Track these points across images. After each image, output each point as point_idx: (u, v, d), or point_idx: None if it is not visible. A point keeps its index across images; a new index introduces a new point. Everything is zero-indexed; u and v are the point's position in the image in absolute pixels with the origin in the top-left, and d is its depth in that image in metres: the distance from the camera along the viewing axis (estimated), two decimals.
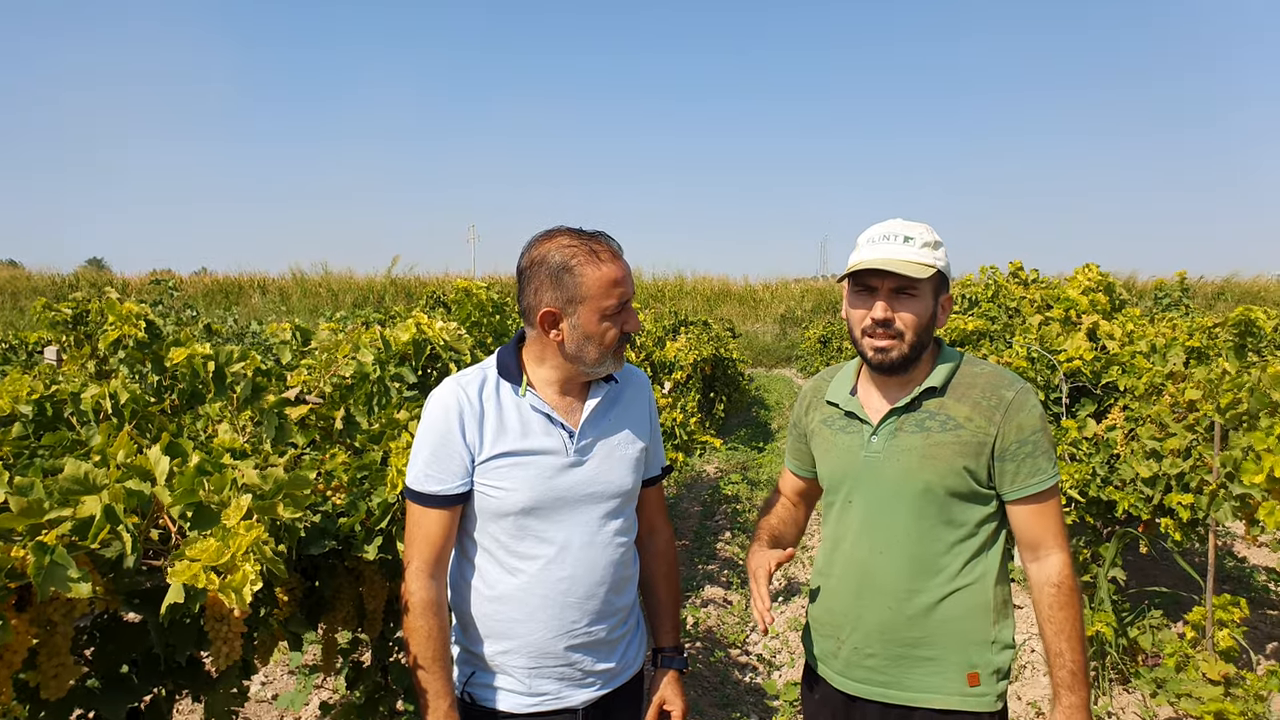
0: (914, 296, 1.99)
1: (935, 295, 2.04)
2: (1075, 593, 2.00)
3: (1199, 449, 3.82)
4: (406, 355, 2.88)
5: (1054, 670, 1.99)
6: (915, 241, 2.00)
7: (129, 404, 1.99)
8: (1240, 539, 7.27)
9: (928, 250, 1.99)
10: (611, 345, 1.97)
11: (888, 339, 2.00)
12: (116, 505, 1.42)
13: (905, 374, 2.07)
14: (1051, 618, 2.00)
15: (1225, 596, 3.90)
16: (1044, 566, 2.02)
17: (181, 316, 8.05)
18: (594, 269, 1.90)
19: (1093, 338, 5.23)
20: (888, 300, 1.99)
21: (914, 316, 1.99)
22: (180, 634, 1.60)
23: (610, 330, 1.95)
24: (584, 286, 1.90)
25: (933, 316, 2.03)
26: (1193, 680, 3.93)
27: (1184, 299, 12.41)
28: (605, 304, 1.91)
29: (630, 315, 1.98)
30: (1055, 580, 2.00)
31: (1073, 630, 1.98)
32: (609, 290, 1.91)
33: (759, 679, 4.96)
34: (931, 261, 1.98)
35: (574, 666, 2.03)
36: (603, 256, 1.92)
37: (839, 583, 2.16)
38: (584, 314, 1.92)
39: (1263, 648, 5.13)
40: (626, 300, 1.95)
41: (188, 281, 32.95)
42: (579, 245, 1.92)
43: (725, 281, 39.04)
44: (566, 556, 2.00)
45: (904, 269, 1.94)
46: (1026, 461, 1.99)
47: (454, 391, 1.99)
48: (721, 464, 11.42)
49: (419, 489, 1.97)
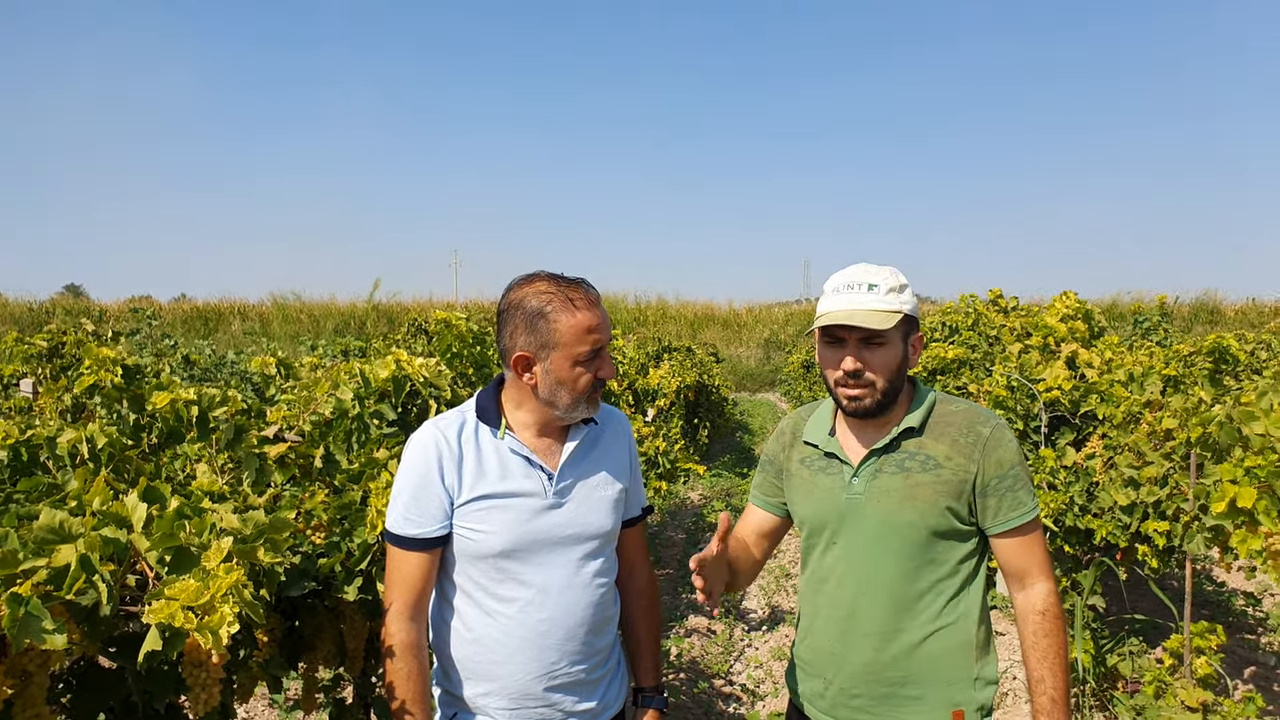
0: (881, 345, 2.00)
1: (904, 339, 2.05)
2: (1060, 620, 2.03)
3: (1176, 477, 3.85)
4: (386, 392, 2.88)
5: (1035, 696, 2.01)
6: (880, 289, 2.01)
7: (106, 448, 1.99)
8: (1218, 564, 7.32)
9: (893, 295, 2.01)
10: (584, 391, 1.98)
11: (859, 389, 2.02)
12: (92, 554, 1.42)
13: (883, 416, 2.09)
14: (1036, 644, 2.02)
15: (1202, 624, 3.93)
16: (1030, 595, 2.05)
17: (160, 347, 8.01)
18: (568, 316, 1.91)
19: (1072, 366, 5.27)
20: (856, 352, 2.01)
21: (883, 364, 2.01)
22: (158, 681, 1.60)
23: (583, 376, 1.96)
24: (557, 333, 1.92)
25: (903, 360, 2.05)
26: (1171, 707, 3.94)
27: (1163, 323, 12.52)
28: (578, 350, 1.93)
29: (605, 362, 1.99)
30: (1040, 608, 2.02)
31: (1056, 657, 2.00)
32: (582, 337, 1.92)
33: (743, 709, 4.94)
34: (897, 307, 2.00)
35: (554, 708, 2.04)
36: (578, 304, 1.93)
37: (824, 624, 2.16)
38: (556, 360, 1.94)
39: (1240, 673, 5.16)
40: (600, 347, 1.97)
41: (166, 308, 32.80)
42: (555, 291, 1.94)
43: (709, 306, 39.23)
44: (546, 599, 2.00)
45: (868, 321, 1.96)
46: (1008, 496, 2.02)
47: (433, 435, 2.01)
48: (706, 491, 11.42)
49: (398, 532, 1.97)
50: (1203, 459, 3.32)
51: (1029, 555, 2.05)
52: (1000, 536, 2.05)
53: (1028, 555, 2.05)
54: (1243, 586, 6.76)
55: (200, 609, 1.43)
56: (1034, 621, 2.03)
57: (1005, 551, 2.06)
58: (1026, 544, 2.04)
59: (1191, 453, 3.44)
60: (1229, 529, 2.63)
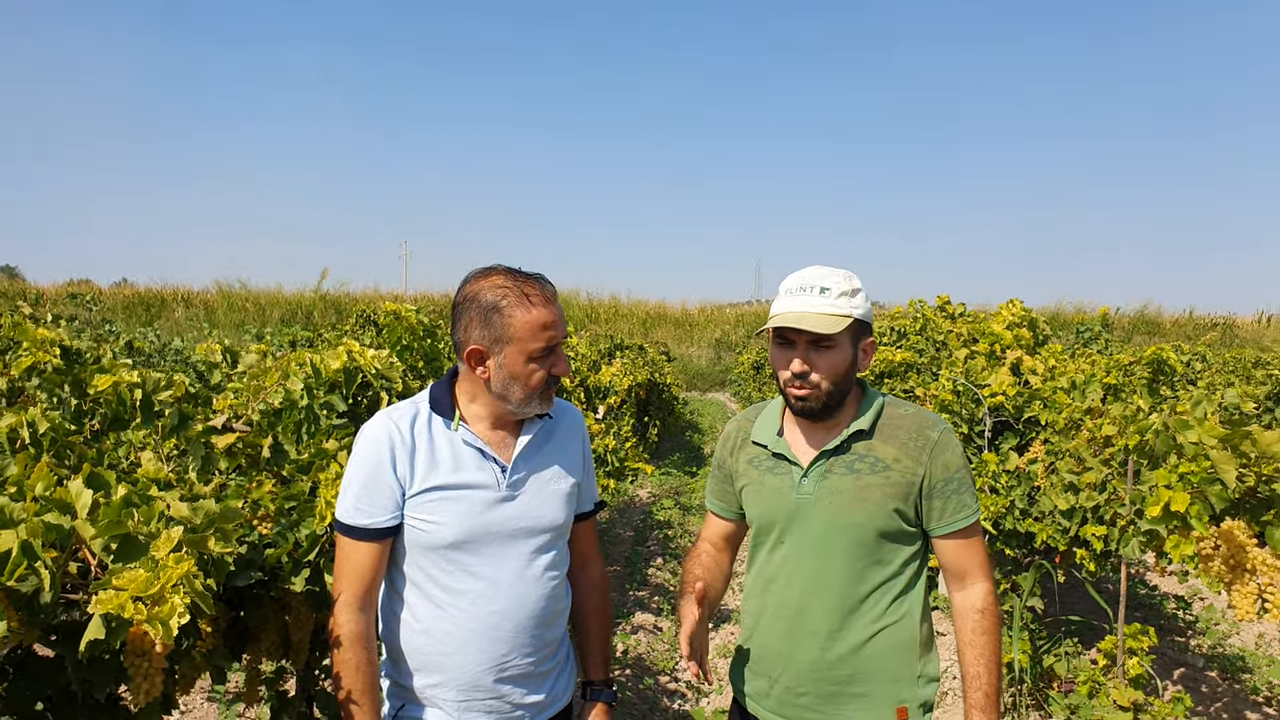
0: (830, 348, 2.03)
1: (855, 342, 2.08)
2: (996, 620, 2.08)
3: (1114, 483, 3.95)
4: (337, 383, 2.86)
5: (969, 692, 2.06)
6: (831, 292, 2.03)
7: (48, 433, 1.96)
8: (1153, 569, 7.50)
9: (844, 299, 2.03)
10: (537, 387, 1.98)
11: (806, 389, 2.05)
12: (34, 540, 1.39)
13: (830, 419, 2.12)
14: (973, 642, 2.07)
15: (1135, 626, 4.03)
16: (970, 595, 2.10)
17: (100, 332, 7.84)
18: (523, 311, 1.91)
19: (1016, 372, 5.37)
20: (805, 353, 2.04)
21: (830, 368, 2.04)
22: (99, 670, 1.57)
23: (536, 373, 1.96)
24: (511, 328, 1.91)
25: (852, 363, 2.08)
26: (1104, 706, 4.04)
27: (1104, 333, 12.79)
28: (532, 347, 1.93)
29: (559, 359, 1.99)
30: (979, 607, 2.08)
31: (991, 655, 2.05)
32: (536, 333, 1.92)
33: (687, 706, 4.97)
34: (847, 311, 2.02)
35: (503, 699, 2.04)
36: (533, 299, 1.93)
37: (770, 622, 2.19)
38: (510, 355, 1.94)
39: (1171, 674, 5.29)
40: (555, 344, 1.97)
41: (107, 293, 31.98)
42: (511, 286, 1.93)
43: (661, 305, 39.24)
44: (497, 591, 2.01)
45: (817, 325, 1.99)
46: (952, 498, 2.06)
47: (385, 425, 2.00)
48: (655, 489, 11.44)
49: (349, 522, 1.96)
50: (1139, 465, 3.41)
51: (970, 556, 2.10)
52: (943, 538, 2.10)
53: (969, 556, 2.10)
54: (1175, 590, 6.94)
55: (150, 599, 1.42)
56: (972, 620, 2.08)
57: (947, 552, 2.11)
58: (968, 546, 2.10)
59: (1129, 459, 3.53)
60: (1163, 534, 2.71)
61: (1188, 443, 2.64)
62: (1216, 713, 4.84)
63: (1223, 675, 5.34)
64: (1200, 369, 10.09)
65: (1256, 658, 5.61)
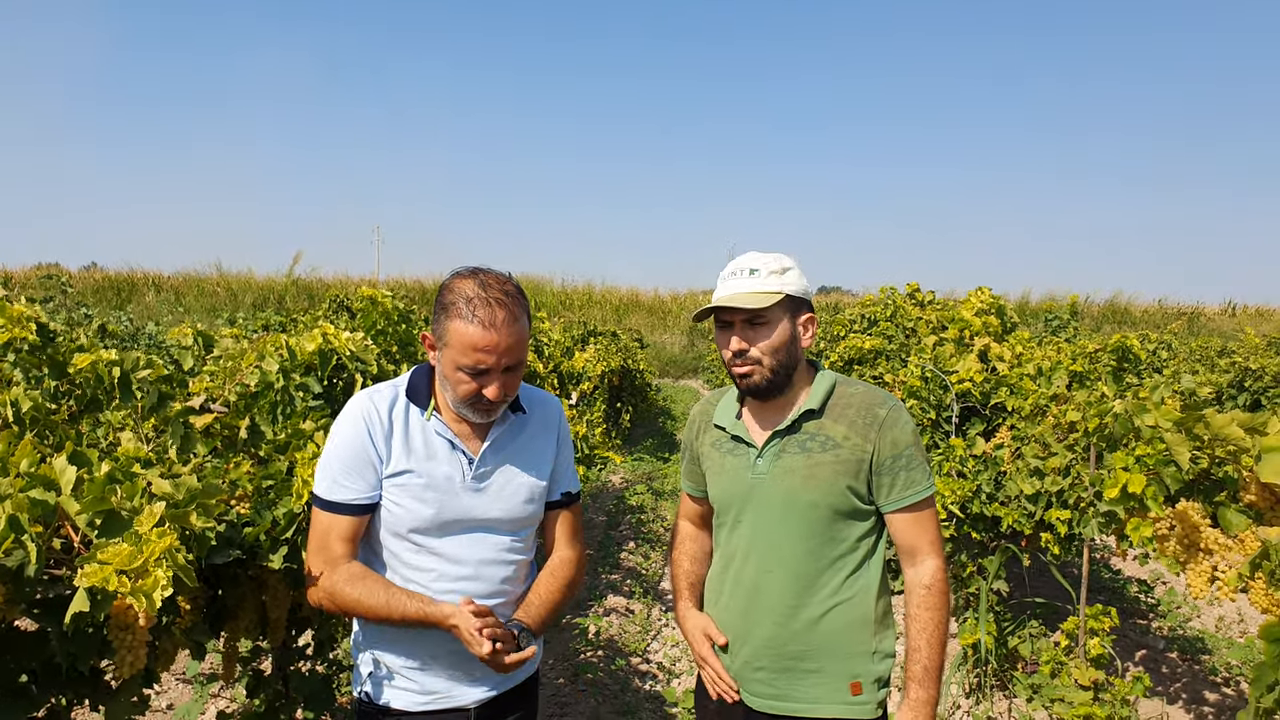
0: (765, 324, 2.11)
1: (792, 318, 2.14)
2: (944, 596, 2.13)
3: (1078, 468, 4.03)
4: (312, 365, 2.89)
5: (909, 664, 2.11)
6: (761, 272, 2.11)
7: (30, 412, 1.98)
8: (1115, 553, 7.63)
9: (774, 278, 2.11)
10: (464, 398, 1.99)
11: (747, 366, 2.12)
12: (21, 515, 1.43)
13: (781, 396, 2.18)
14: (917, 616, 2.12)
15: (1097, 607, 4.12)
16: (919, 571, 2.15)
17: (74, 316, 7.79)
18: (462, 324, 1.92)
19: (984, 359, 5.45)
20: (741, 331, 2.11)
21: (767, 342, 2.11)
22: (82, 643, 1.61)
23: (464, 385, 1.97)
24: (448, 333, 1.94)
25: (791, 338, 2.14)
26: (1065, 686, 4.13)
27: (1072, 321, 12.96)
28: (461, 360, 1.94)
29: (493, 382, 1.97)
30: (927, 583, 2.13)
31: (934, 631, 2.10)
32: (465, 350, 1.92)
33: (659, 687, 5.04)
34: (776, 288, 2.10)
35: (464, 670, 2.10)
36: (478, 316, 1.91)
37: (729, 599, 2.26)
38: (445, 357, 1.97)
39: (1132, 655, 5.41)
40: (486, 368, 1.95)
41: (77, 277, 31.64)
42: (470, 296, 1.93)
43: (635, 292, 39.25)
44: (460, 570, 2.07)
45: (745, 302, 2.07)
46: (901, 475, 2.11)
47: (366, 406, 2.05)
48: (627, 474, 11.50)
49: (329, 498, 2.01)
50: (1100, 449, 3.49)
51: (921, 533, 2.14)
52: (894, 513, 2.15)
53: (919, 532, 2.14)
54: (1138, 574, 7.07)
55: (134, 572, 1.45)
56: (919, 595, 2.13)
57: (898, 528, 2.16)
58: (919, 521, 2.14)
59: (1090, 442, 3.61)
60: (1121, 515, 2.78)
61: (1144, 426, 2.72)
62: (1176, 692, 4.96)
63: (1183, 656, 5.46)
64: (1166, 357, 10.26)
65: (1216, 640, 5.74)
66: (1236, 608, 6.33)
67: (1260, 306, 37.02)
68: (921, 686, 2.08)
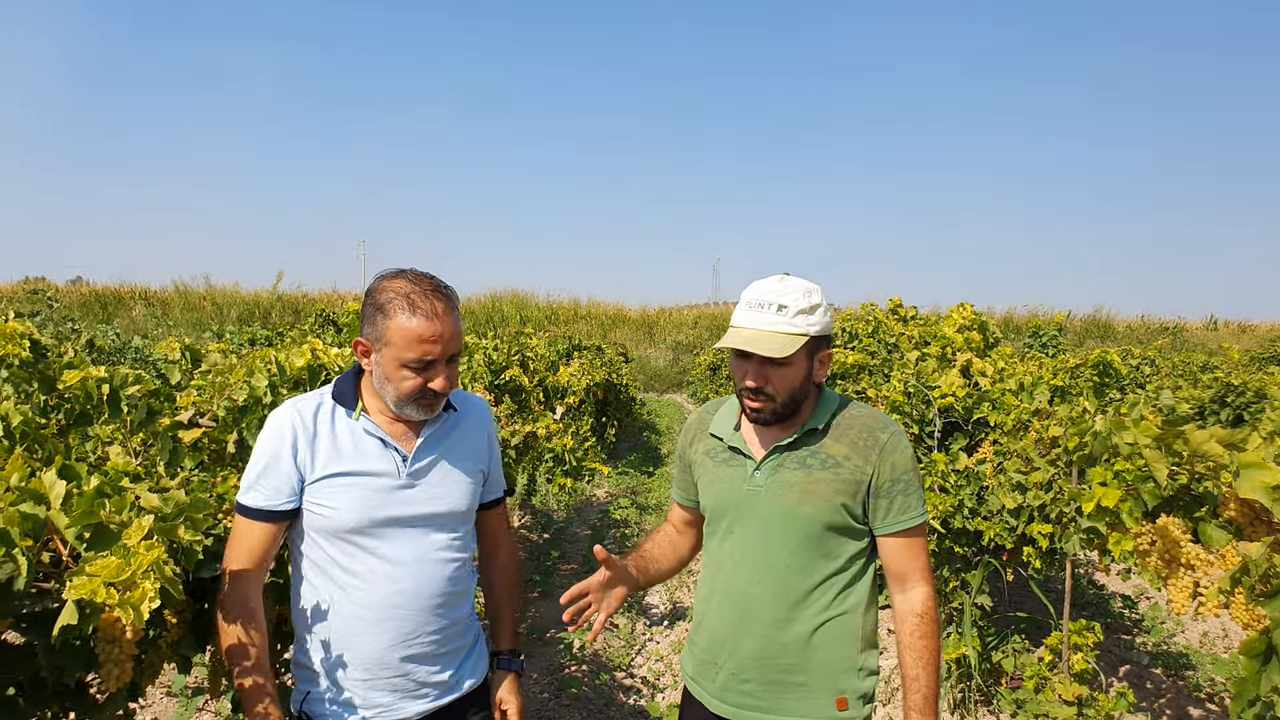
0: (785, 365, 2.07)
1: (811, 356, 2.11)
2: (936, 624, 2.14)
3: (1060, 482, 4.07)
4: (301, 380, 2.89)
5: (908, 694, 2.12)
6: (789, 310, 2.05)
7: (20, 426, 1.99)
8: (1098, 568, 7.67)
9: (801, 318, 2.05)
10: (408, 395, 2.01)
11: (760, 401, 2.11)
12: (11, 529, 1.43)
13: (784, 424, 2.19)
14: (912, 645, 2.13)
15: (1081, 622, 4.16)
16: (909, 598, 2.16)
17: (62, 330, 7.76)
18: (404, 318, 1.94)
19: (966, 374, 5.49)
20: (759, 369, 2.08)
21: (785, 383, 2.09)
22: (70, 656, 1.61)
23: (408, 380, 1.99)
24: (390, 332, 1.95)
25: (806, 376, 2.12)
26: (1050, 701, 4.16)
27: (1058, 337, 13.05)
28: (406, 355, 1.96)
29: (439, 374, 2.01)
30: (919, 611, 2.14)
31: (930, 658, 2.11)
32: (411, 344, 1.94)
33: (642, 701, 5.04)
34: (803, 330, 2.04)
35: (408, 677, 2.11)
36: (419, 309, 1.94)
37: (718, 609, 2.27)
38: (386, 357, 1.99)
39: (1116, 670, 5.44)
40: (432, 359, 1.98)
41: (63, 291, 31.56)
42: (406, 293, 1.96)
43: (620, 307, 39.33)
44: (397, 570, 2.08)
45: (769, 348, 2.01)
46: (898, 499, 2.13)
47: (289, 414, 2.07)
48: (612, 488, 11.50)
49: (246, 503, 2.02)
50: (1081, 465, 3.53)
51: (911, 558, 2.15)
52: (886, 537, 2.16)
53: (910, 558, 2.15)
54: (1122, 590, 7.11)
55: (121, 585, 1.46)
56: (911, 623, 2.13)
57: (890, 552, 2.17)
58: (910, 547, 2.15)
59: (1070, 460, 3.64)
60: (1103, 530, 2.81)
61: (1123, 443, 2.75)
62: (1160, 708, 4.98)
63: (1167, 672, 5.49)
64: (1149, 373, 10.34)
65: (1200, 655, 5.77)
66: (1221, 624, 6.37)
67: (1242, 321, 37.38)
68: (923, 715, 2.09)
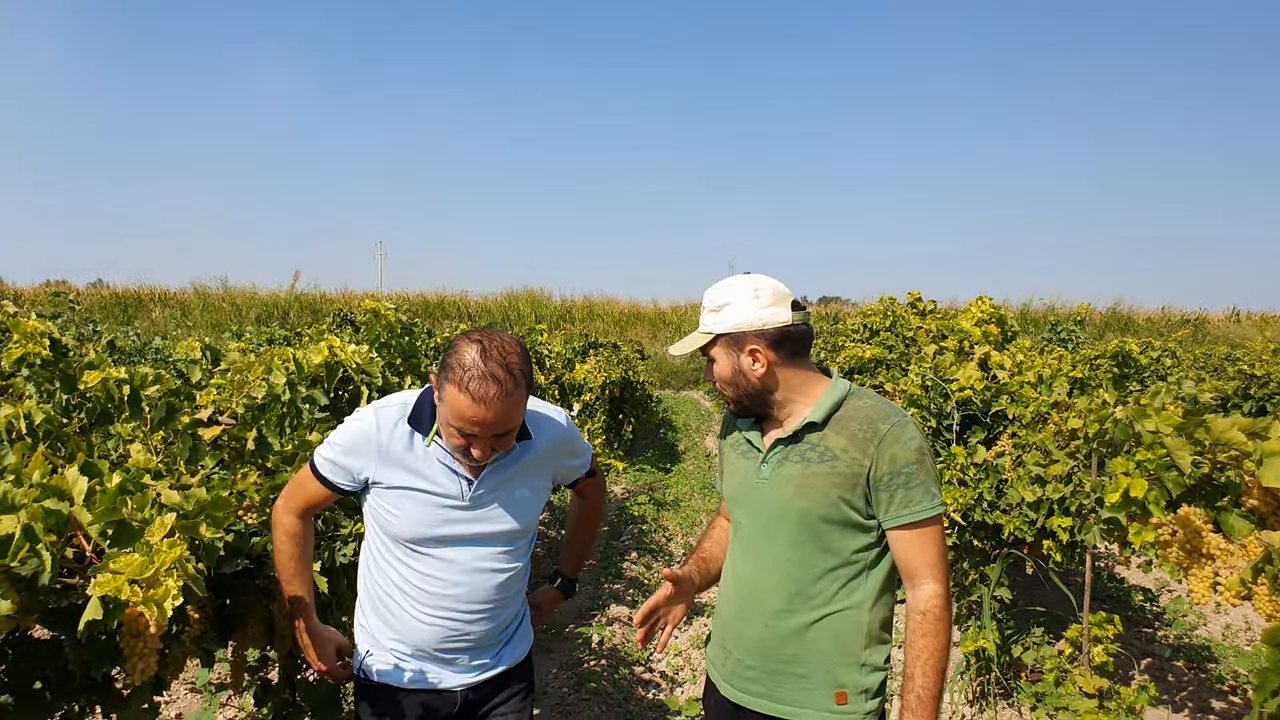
0: (711, 362, 2.22)
1: (735, 351, 2.18)
2: (940, 623, 2.07)
3: (1080, 475, 4.04)
4: (319, 377, 2.91)
5: (904, 692, 2.07)
6: (704, 310, 2.23)
7: (43, 424, 2.01)
8: (1119, 561, 7.63)
9: (710, 317, 2.20)
10: (455, 448, 2.08)
11: (720, 392, 2.25)
12: (35, 524, 1.45)
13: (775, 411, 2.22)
14: (913, 643, 2.08)
15: (1101, 615, 4.13)
16: (916, 594, 2.10)
17: (83, 331, 7.83)
18: (456, 392, 1.96)
19: (984, 367, 5.47)
20: (707, 366, 2.25)
21: (721, 377, 2.21)
22: (96, 650, 1.63)
23: (454, 439, 2.05)
24: (445, 393, 2.00)
25: (737, 370, 2.18)
26: (1070, 694, 4.14)
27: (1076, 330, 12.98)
28: (452, 421, 2.01)
29: (479, 446, 2.03)
30: (923, 608, 2.08)
31: (929, 658, 2.05)
32: (456, 415, 1.98)
33: (662, 695, 5.05)
34: (708, 328, 2.20)
35: (453, 664, 2.25)
36: (469, 388, 1.94)
37: (729, 597, 2.32)
38: (440, 410, 2.06)
39: (1137, 663, 5.41)
40: (470, 436, 2.01)
41: (84, 294, 31.80)
42: (467, 365, 1.96)
43: (635, 304, 39.28)
44: (453, 578, 2.18)
45: (677, 350, 2.29)
46: (899, 492, 2.08)
47: (370, 423, 2.14)
48: (629, 485, 11.50)
49: (318, 466, 2.17)
50: (1102, 456, 3.51)
51: (918, 553, 2.09)
52: (892, 530, 2.11)
53: (917, 553, 2.09)
54: (1142, 583, 7.07)
55: (145, 582, 1.47)
56: (914, 621, 2.09)
57: (896, 546, 2.12)
58: (918, 542, 2.09)
59: (1091, 449, 3.62)
60: (1123, 521, 2.80)
61: (1145, 431, 2.73)
62: (1182, 701, 4.96)
63: (1189, 665, 5.46)
64: (1170, 365, 10.26)
65: (1223, 648, 5.73)
66: (1244, 615, 6.32)
67: (1265, 313, 36.99)
68: (914, 715, 2.04)
